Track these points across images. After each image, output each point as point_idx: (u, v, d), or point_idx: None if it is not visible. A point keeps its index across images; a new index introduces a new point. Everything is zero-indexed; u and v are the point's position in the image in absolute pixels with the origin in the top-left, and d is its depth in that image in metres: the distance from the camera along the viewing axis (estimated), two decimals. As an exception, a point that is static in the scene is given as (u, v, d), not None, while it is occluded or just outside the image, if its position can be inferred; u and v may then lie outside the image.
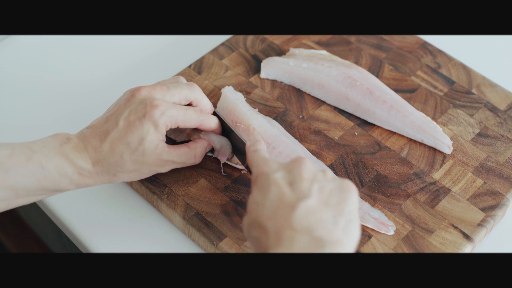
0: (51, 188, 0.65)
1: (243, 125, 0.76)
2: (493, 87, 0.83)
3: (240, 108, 0.78)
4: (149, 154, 0.66)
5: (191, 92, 0.70)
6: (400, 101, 0.79)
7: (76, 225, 0.74)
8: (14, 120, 0.84)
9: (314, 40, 0.88)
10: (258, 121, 0.76)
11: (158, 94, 0.67)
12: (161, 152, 0.66)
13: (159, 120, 0.65)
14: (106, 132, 0.65)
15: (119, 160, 0.65)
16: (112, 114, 0.67)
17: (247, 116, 0.76)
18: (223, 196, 0.72)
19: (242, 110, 0.77)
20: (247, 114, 0.77)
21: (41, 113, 0.85)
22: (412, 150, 0.77)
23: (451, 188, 0.73)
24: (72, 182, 0.65)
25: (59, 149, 0.64)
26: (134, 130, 0.65)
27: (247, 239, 0.66)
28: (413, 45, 0.88)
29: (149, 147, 0.65)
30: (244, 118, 0.76)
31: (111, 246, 0.72)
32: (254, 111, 0.78)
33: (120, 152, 0.65)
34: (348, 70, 0.81)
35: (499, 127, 0.79)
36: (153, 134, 0.65)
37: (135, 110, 0.66)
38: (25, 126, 0.83)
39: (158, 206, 0.74)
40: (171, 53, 0.91)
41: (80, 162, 0.65)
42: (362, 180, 0.74)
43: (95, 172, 0.66)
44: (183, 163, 0.69)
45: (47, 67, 0.90)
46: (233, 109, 0.78)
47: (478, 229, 0.70)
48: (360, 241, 0.69)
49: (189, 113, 0.68)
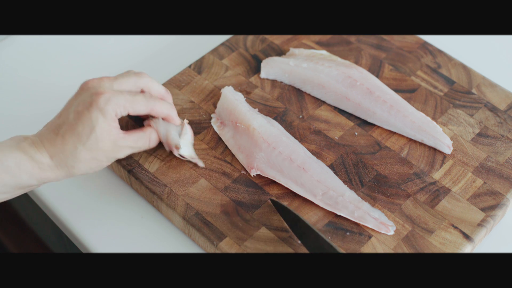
0: (13, 184, 0.66)
1: (243, 125, 0.76)
2: (493, 87, 0.83)
3: (240, 108, 0.78)
4: (103, 141, 0.66)
5: (139, 78, 0.71)
6: (400, 101, 0.79)
7: (76, 225, 0.74)
8: (14, 120, 0.84)
9: (314, 40, 0.88)
10: (258, 121, 0.76)
11: (105, 84, 0.68)
12: (115, 138, 0.67)
13: (105, 107, 0.66)
14: (59, 126, 0.67)
15: (73, 151, 0.66)
16: (64, 109, 0.68)
17: (247, 117, 0.76)
18: (223, 196, 0.72)
19: (242, 111, 0.77)
20: (247, 115, 0.77)
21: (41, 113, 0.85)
22: (412, 150, 0.77)
23: (451, 188, 0.73)
24: (32, 176, 0.66)
25: (17, 146, 0.66)
26: (83, 119, 0.66)
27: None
28: (413, 45, 0.88)
29: (101, 135, 0.66)
30: (244, 118, 0.76)
31: (111, 246, 0.72)
32: (254, 111, 0.78)
33: (73, 143, 0.66)
34: (348, 70, 0.81)
35: (499, 127, 0.79)
36: (103, 122, 0.66)
37: (83, 101, 0.67)
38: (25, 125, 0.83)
39: (158, 206, 0.74)
40: (171, 53, 0.91)
41: (38, 156, 0.66)
42: (362, 180, 0.74)
43: (54, 165, 0.66)
44: (139, 147, 0.70)
45: (47, 67, 0.90)
46: (233, 110, 0.78)
47: (478, 229, 0.70)
48: (360, 241, 0.69)
49: (137, 98, 0.69)
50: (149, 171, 0.74)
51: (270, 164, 0.73)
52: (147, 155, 0.76)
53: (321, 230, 0.70)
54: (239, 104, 0.78)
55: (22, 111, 0.85)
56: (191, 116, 0.80)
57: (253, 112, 0.78)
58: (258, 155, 0.74)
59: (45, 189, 0.77)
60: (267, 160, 0.73)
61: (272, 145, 0.74)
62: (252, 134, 0.75)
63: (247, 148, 0.75)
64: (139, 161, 0.75)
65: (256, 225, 0.70)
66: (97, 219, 0.74)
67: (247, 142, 0.75)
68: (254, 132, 0.75)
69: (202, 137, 0.78)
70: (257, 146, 0.74)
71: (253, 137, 0.75)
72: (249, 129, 0.75)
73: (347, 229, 0.70)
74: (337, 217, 0.71)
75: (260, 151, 0.74)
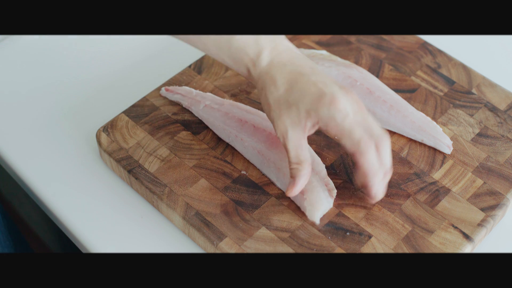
0: (225, 53, 0.68)
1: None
2: (493, 87, 0.83)
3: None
4: (288, 113, 0.65)
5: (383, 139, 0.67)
6: (400, 101, 0.79)
7: (76, 225, 0.74)
8: (14, 120, 0.84)
9: (314, 40, 0.88)
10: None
11: (358, 105, 0.65)
12: (293, 127, 0.66)
13: (321, 109, 0.64)
14: (302, 66, 0.67)
15: (277, 86, 0.66)
16: (320, 74, 0.67)
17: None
18: (223, 196, 0.72)
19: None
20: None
21: (41, 113, 0.85)
22: (412, 150, 0.77)
23: (451, 188, 0.73)
24: (243, 58, 0.67)
25: (257, 37, 0.67)
26: (306, 91, 0.65)
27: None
28: (413, 45, 0.88)
29: (293, 109, 0.65)
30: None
31: (111, 246, 0.72)
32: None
33: (283, 84, 0.66)
34: (348, 70, 0.81)
35: (499, 127, 0.79)
36: (304, 111, 0.65)
37: (328, 87, 0.65)
38: (25, 125, 0.83)
39: (158, 206, 0.74)
40: (171, 53, 0.91)
41: (263, 52, 0.67)
42: (362, 180, 0.74)
43: (261, 69, 0.67)
44: (288, 150, 0.67)
45: (47, 67, 0.90)
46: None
47: (478, 229, 0.70)
48: (360, 241, 0.69)
49: (356, 128, 0.64)
50: (149, 171, 0.74)
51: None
52: (147, 155, 0.76)
53: (321, 230, 0.70)
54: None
55: (22, 111, 0.85)
56: (191, 116, 0.80)
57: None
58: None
59: (45, 189, 0.77)
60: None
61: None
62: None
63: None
64: (139, 161, 0.75)
65: (256, 225, 0.70)
66: (97, 219, 0.74)
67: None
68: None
69: (202, 137, 0.78)
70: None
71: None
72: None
73: (347, 229, 0.70)
74: (337, 217, 0.71)
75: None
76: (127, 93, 0.85)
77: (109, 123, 0.79)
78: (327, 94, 0.64)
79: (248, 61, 0.68)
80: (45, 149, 0.81)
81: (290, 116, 0.65)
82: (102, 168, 0.79)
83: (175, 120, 0.79)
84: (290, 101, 0.65)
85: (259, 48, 0.67)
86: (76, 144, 0.81)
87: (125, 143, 0.77)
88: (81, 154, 0.80)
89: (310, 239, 0.69)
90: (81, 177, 0.78)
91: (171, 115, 0.80)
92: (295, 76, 0.66)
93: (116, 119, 0.79)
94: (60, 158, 0.80)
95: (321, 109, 0.64)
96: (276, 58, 0.67)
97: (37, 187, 0.78)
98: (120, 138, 0.78)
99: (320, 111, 0.64)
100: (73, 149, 0.81)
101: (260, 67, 0.67)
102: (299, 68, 0.67)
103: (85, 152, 0.80)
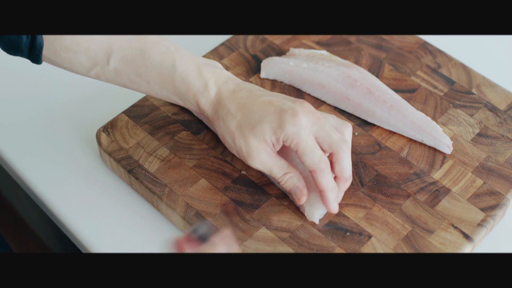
0: (168, 88, 0.68)
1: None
2: (493, 87, 0.83)
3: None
4: (254, 136, 0.66)
5: (343, 134, 0.69)
6: (400, 101, 0.79)
7: (76, 225, 0.74)
8: (14, 119, 0.84)
9: (314, 40, 0.88)
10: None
11: (313, 118, 0.66)
12: (262, 148, 0.66)
13: (286, 126, 0.65)
14: (244, 89, 0.68)
15: (233, 113, 0.67)
16: (270, 93, 0.68)
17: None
18: (223, 196, 0.72)
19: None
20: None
21: (41, 113, 0.85)
22: (412, 150, 0.77)
23: (451, 188, 0.73)
24: (189, 92, 0.68)
25: (198, 64, 0.68)
26: (265, 111, 0.66)
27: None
28: (413, 45, 0.88)
29: (258, 131, 0.66)
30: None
31: (111, 246, 0.72)
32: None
33: (239, 109, 0.67)
34: (348, 70, 0.81)
35: (499, 127, 0.79)
36: (270, 129, 0.65)
37: (281, 102, 0.66)
38: (25, 125, 0.83)
39: (158, 206, 0.74)
40: (171, 53, 0.91)
41: (209, 83, 0.68)
42: (362, 180, 0.74)
43: (211, 101, 0.68)
44: (270, 171, 0.68)
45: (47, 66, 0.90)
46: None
47: (478, 229, 0.70)
48: (360, 241, 0.69)
49: (316, 147, 0.66)
50: (149, 171, 0.74)
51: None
52: (147, 155, 0.76)
53: (321, 230, 0.70)
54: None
55: (22, 110, 0.85)
56: (190, 115, 0.80)
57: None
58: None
59: (45, 189, 0.77)
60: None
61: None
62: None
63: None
64: (139, 161, 0.75)
65: (256, 225, 0.70)
66: (97, 219, 0.74)
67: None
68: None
69: (202, 137, 0.78)
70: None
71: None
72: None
73: (347, 229, 0.70)
74: (337, 216, 0.71)
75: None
76: (127, 93, 0.85)
77: (109, 123, 0.79)
78: (287, 110, 0.65)
79: (195, 93, 0.68)
80: (45, 149, 0.81)
81: (256, 137, 0.66)
82: (102, 168, 0.79)
83: (175, 120, 0.79)
84: (252, 123, 0.66)
85: (204, 80, 0.68)
86: (76, 144, 0.81)
87: (125, 143, 0.77)
88: (81, 154, 0.80)
89: (310, 239, 0.69)
90: (81, 177, 0.78)
91: (171, 115, 0.80)
92: (248, 100, 0.67)
93: (116, 119, 0.79)
94: (60, 158, 0.80)
95: (286, 125, 0.65)
96: (223, 87, 0.68)
97: (37, 187, 0.78)
98: (120, 138, 0.78)
99: (286, 127, 0.65)
100: (73, 149, 0.81)
101: (209, 99, 0.68)
102: (248, 93, 0.68)
103: (85, 152, 0.80)
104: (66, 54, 0.67)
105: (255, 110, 0.66)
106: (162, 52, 0.68)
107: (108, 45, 0.68)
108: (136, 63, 0.68)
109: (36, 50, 0.66)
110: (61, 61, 0.68)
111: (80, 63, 0.68)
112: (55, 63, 0.69)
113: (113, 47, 0.68)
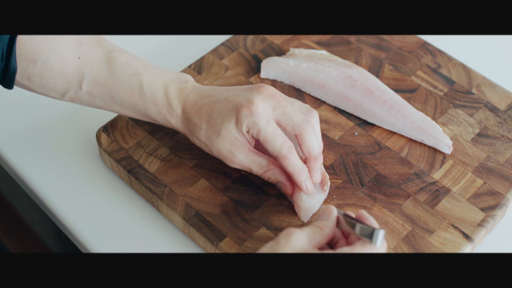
0: (141, 110, 0.70)
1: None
2: (493, 87, 0.83)
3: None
4: (223, 139, 0.67)
5: (309, 118, 0.68)
6: (400, 101, 0.79)
7: (76, 225, 0.74)
8: (14, 119, 0.84)
9: (314, 40, 0.88)
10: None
11: (273, 101, 0.67)
12: (236, 148, 0.67)
13: (245, 119, 0.65)
14: (208, 96, 0.69)
15: (198, 125, 0.68)
16: (229, 89, 0.69)
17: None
18: (223, 196, 0.72)
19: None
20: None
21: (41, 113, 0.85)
22: (412, 150, 0.77)
23: (451, 188, 0.73)
24: (159, 113, 0.69)
25: (165, 83, 0.69)
26: (224, 111, 0.66)
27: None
28: (413, 45, 0.88)
29: (224, 133, 0.66)
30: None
31: (111, 246, 0.72)
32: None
33: (202, 119, 0.68)
34: (348, 70, 0.81)
35: (499, 127, 0.79)
36: (233, 127, 0.66)
37: (240, 96, 0.67)
38: (25, 125, 0.83)
39: (158, 206, 0.74)
40: (171, 53, 0.91)
41: (173, 102, 0.69)
42: (362, 180, 0.74)
43: (180, 118, 0.70)
44: (250, 169, 0.69)
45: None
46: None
47: (478, 229, 0.70)
48: (360, 241, 0.69)
49: (277, 133, 0.66)
50: (149, 171, 0.74)
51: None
52: (147, 155, 0.76)
53: (321, 230, 0.70)
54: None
55: (22, 111, 0.85)
56: (191, 116, 0.80)
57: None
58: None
59: (45, 189, 0.77)
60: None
61: None
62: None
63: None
64: (139, 161, 0.75)
65: (256, 225, 0.70)
66: (97, 219, 0.74)
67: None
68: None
69: (202, 137, 0.78)
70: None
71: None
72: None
73: (347, 229, 0.70)
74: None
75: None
76: (127, 93, 0.85)
77: (109, 123, 0.79)
78: (243, 102, 0.66)
79: (165, 114, 0.70)
80: (45, 149, 0.81)
81: (226, 140, 0.67)
82: (102, 168, 0.79)
83: (175, 120, 0.79)
84: (217, 129, 0.67)
85: (169, 99, 0.69)
86: (76, 144, 0.81)
87: (125, 143, 0.77)
88: (81, 154, 0.80)
89: (310, 239, 0.69)
90: (81, 177, 0.78)
91: (171, 115, 0.80)
92: (208, 106, 0.68)
93: (116, 119, 0.79)
94: (60, 158, 0.80)
95: (243, 118, 0.65)
96: (187, 102, 0.69)
97: (37, 187, 0.78)
98: (120, 138, 0.78)
99: (244, 120, 0.65)
100: (73, 149, 0.81)
101: (178, 117, 0.70)
102: (207, 98, 0.69)
103: (85, 152, 0.80)
104: (39, 80, 0.67)
105: (216, 114, 0.67)
106: (130, 74, 0.69)
107: (80, 69, 0.68)
108: (107, 86, 0.69)
109: (9, 75, 0.66)
110: (35, 86, 0.68)
111: (54, 88, 0.68)
112: (29, 88, 0.69)
113: (84, 70, 0.68)
